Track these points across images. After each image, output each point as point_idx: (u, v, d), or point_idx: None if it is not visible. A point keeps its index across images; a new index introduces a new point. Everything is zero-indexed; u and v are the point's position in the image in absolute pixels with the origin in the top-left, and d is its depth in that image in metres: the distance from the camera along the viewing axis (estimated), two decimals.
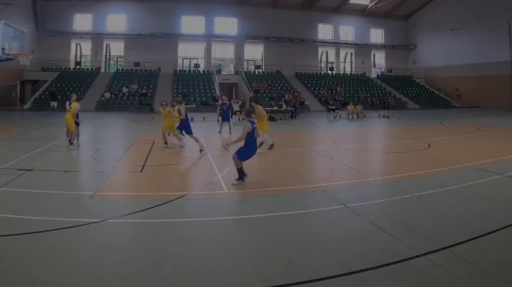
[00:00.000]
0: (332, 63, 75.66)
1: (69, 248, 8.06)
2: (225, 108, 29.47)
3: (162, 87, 59.16)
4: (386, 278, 6.96)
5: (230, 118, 29.85)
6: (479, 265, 7.33)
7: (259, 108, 20.37)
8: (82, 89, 55.17)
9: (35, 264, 7.21)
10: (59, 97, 50.58)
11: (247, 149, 13.40)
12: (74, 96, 21.42)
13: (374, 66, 78.86)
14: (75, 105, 20.57)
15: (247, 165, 13.82)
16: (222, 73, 69.55)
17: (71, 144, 20.57)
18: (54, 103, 48.96)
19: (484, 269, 7.21)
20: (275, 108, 43.29)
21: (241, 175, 13.27)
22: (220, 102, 31.13)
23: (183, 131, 20.37)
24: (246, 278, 6.91)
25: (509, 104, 57.58)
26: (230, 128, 28.21)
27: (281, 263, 7.49)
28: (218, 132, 27.08)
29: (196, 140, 20.34)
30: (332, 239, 8.65)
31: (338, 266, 7.37)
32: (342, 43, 75.22)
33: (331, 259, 7.68)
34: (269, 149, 19.94)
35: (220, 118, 30.44)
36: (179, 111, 20.16)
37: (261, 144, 18.92)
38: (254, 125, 13.52)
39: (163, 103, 21.60)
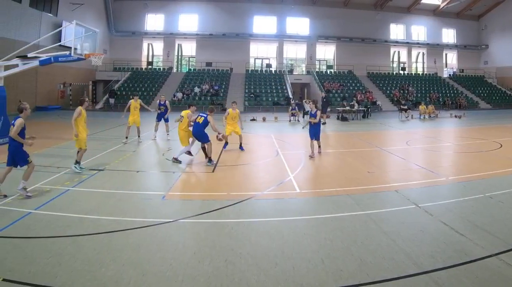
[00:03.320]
0: (404, 63, 74.51)
1: (140, 248, 8.36)
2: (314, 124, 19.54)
3: (234, 87, 59.43)
4: (457, 278, 7.02)
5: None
6: None
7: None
8: (154, 89, 56.50)
9: (107, 264, 7.53)
10: (118, 94, 54.05)
11: None
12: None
13: (446, 66, 77.30)
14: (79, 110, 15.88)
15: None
16: (294, 73, 69.28)
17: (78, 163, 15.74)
18: (112, 100, 52.07)
19: None
20: (347, 108, 43.30)
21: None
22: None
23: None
24: (317, 278, 7.06)
25: None
26: (319, 146, 20.13)
27: (352, 263, 7.63)
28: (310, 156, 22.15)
29: None
30: (404, 239, 8.74)
31: (410, 265, 7.48)
32: (414, 43, 73.90)
33: (403, 258, 7.78)
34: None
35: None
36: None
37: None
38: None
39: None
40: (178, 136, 18.54)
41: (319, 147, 19.79)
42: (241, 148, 20.90)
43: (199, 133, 17.26)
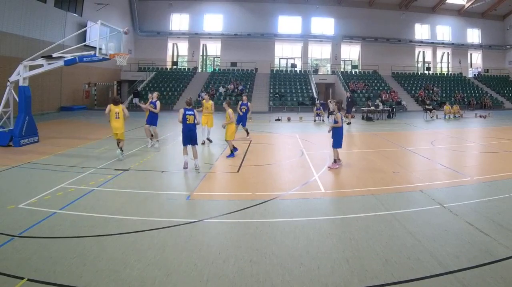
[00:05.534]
0: (428, 63, 74.19)
1: (165, 248, 8.41)
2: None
3: (259, 87, 59.48)
4: (482, 278, 7.00)
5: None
6: None
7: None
8: (179, 90, 56.87)
9: (131, 264, 7.59)
10: (143, 94, 53.75)
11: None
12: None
13: (471, 66, 76.71)
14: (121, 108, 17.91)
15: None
16: (319, 73, 69.03)
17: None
18: (136, 100, 51.90)
19: None
20: (372, 108, 43.23)
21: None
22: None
23: None
24: (342, 278, 7.09)
25: None
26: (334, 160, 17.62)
27: (377, 263, 7.66)
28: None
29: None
30: (428, 239, 8.75)
31: (435, 265, 7.49)
32: (438, 43, 73.41)
33: (428, 258, 7.79)
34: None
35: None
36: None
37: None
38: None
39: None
40: (202, 121, 22.11)
41: (335, 160, 17.03)
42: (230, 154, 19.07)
43: None
